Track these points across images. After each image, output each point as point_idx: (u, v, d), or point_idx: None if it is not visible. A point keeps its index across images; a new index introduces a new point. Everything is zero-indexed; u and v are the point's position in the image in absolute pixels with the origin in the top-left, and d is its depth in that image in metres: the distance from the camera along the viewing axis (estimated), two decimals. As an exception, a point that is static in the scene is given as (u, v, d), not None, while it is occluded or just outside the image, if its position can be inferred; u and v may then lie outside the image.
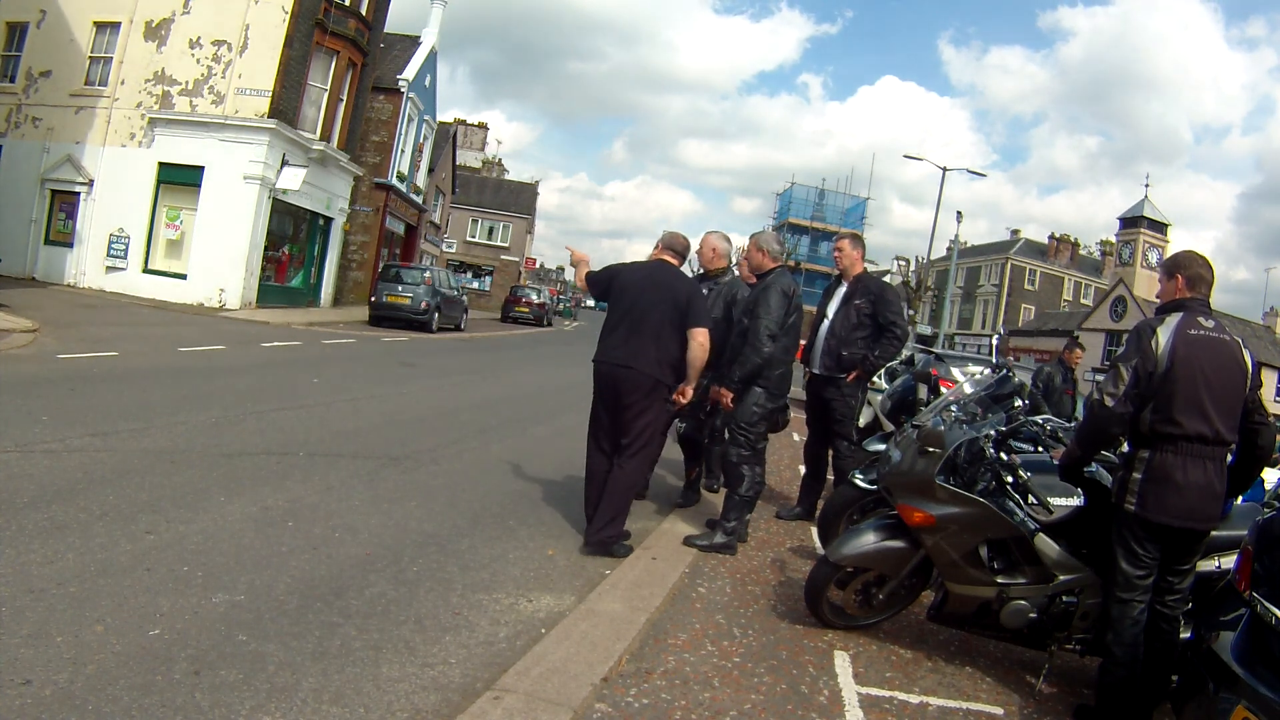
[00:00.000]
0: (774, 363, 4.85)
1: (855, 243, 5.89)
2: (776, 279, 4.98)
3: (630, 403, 4.50)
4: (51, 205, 18.90)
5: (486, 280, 48.44)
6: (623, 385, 4.49)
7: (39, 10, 19.20)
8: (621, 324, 4.58)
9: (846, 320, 5.66)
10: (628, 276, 4.74)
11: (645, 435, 4.57)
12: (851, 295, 5.70)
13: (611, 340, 4.58)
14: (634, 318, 4.55)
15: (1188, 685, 2.91)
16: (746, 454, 4.87)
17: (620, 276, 4.76)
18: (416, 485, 5.45)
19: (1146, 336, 3.11)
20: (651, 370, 4.48)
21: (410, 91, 26.36)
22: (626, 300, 4.63)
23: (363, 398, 8.78)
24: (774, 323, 4.78)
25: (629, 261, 5.04)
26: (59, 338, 10.15)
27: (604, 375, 4.59)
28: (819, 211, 57.86)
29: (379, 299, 19.76)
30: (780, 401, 5.08)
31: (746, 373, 4.82)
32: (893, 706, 3.24)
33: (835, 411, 5.73)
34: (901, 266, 55.30)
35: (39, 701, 2.38)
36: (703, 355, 4.53)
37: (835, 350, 5.66)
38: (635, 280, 4.69)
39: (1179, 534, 3.09)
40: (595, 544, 4.49)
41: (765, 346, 4.76)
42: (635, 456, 4.56)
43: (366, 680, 2.81)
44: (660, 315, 4.52)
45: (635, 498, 5.75)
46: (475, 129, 57.57)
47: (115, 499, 4.23)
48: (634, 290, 4.64)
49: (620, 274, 4.78)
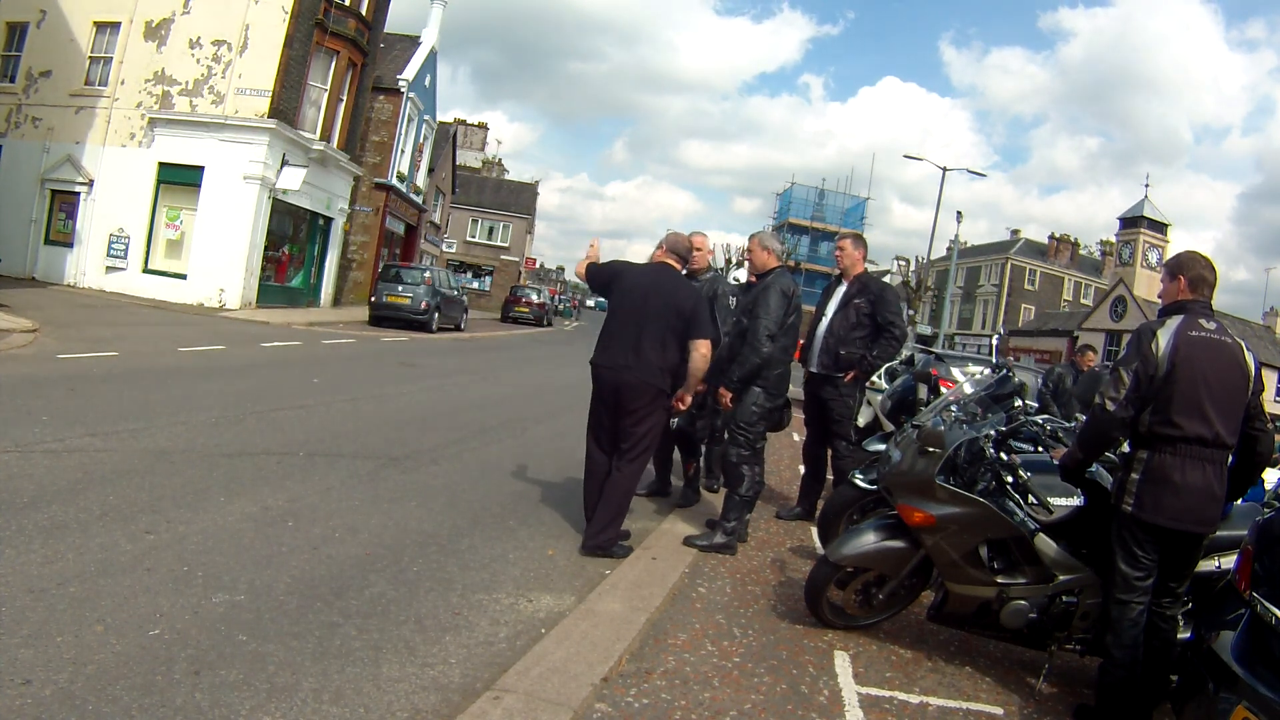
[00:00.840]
0: (773, 363, 4.85)
1: (857, 243, 5.89)
2: (776, 279, 4.99)
3: (633, 409, 4.49)
4: (51, 205, 18.90)
5: (486, 280, 48.44)
6: (625, 392, 4.47)
7: (39, 10, 19.20)
8: (624, 329, 4.53)
9: (845, 320, 5.66)
10: (631, 279, 4.68)
11: (646, 440, 4.57)
12: (851, 295, 5.69)
13: (614, 345, 4.54)
14: (638, 324, 4.50)
15: (1188, 685, 2.91)
16: (746, 454, 4.87)
17: (624, 278, 4.70)
18: (416, 485, 5.45)
19: (1147, 339, 3.11)
20: (655, 379, 4.47)
21: (410, 91, 26.37)
22: (629, 304, 4.58)
23: (363, 398, 8.78)
24: (773, 323, 4.79)
25: (631, 261, 5.01)
26: (59, 338, 10.15)
27: (606, 381, 4.55)
28: (819, 211, 57.87)
29: (379, 299, 19.76)
30: (779, 401, 5.08)
31: (745, 372, 4.82)
32: (893, 706, 3.24)
33: (833, 411, 5.73)
34: (901, 266, 55.35)
35: (39, 701, 2.38)
36: (704, 366, 4.51)
37: (833, 349, 5.65)
38: (640, 284, 4.63)
39: (1177, 536, 3.08)
40: (593, 547, 4.49)
41: (764, 346, 4.76)
42: (635, 461, 4.56)
43: (366, 680, 2.81)
44: (664, 323, 4.48)
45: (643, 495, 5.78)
46: (475, 129, 57.58)
47: (115, 499, 4.23)
48: (638, 294, 4.58)
49: (624, 275, 4.73)
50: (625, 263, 4.95)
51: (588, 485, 4.71)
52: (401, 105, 26.02)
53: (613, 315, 4.65)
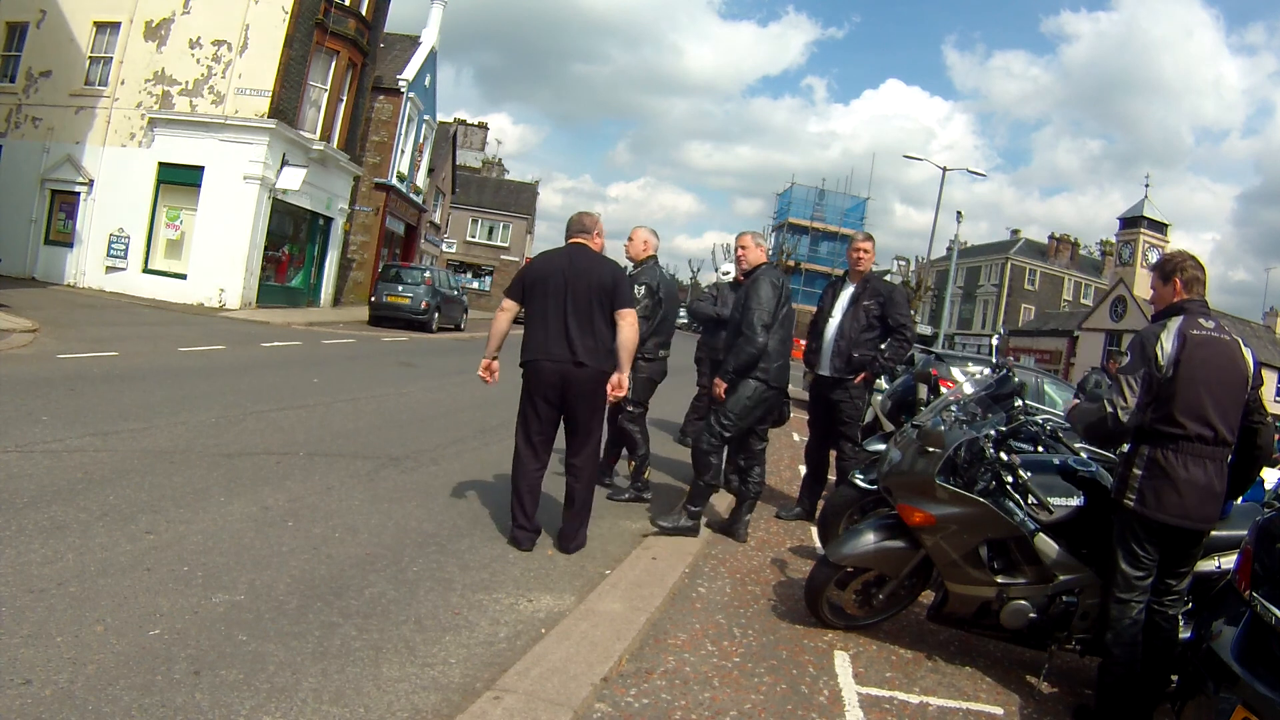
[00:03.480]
0: (770, 354, 4.85)
1: (872, 243, 5.94)
2: (765, 272, 5.02)
3: (582, 400, 4.33)
4: (51, 205, 18.91)
5: (486, 280, 48.43)
6: (573, 384, 4.29)
7: (39, 10, 19.21)
8: (554, 317, 4.29)
9: (855, 322, 5.65)
10: (543, 268, 4.44)
11: (596, 428, 4.45)
12: (860, 296, 5.69)
13: (547, 335, 4.30)
14: (566, 309, 4.28)
15: (1188, 685, 2.91)
16: (716, 444, 4.90)
17: (533, 270, 4.48)
18: (416, 485, 5.45)
19: (1151, 344, 3.12)
20: (599, 364, 4.30)
21: (410, 91, 26.39)
22: (552, 290, 4.32)
23: (363, 398, 8.77)
24: (766, 313, 4.80)
25: (538, 254, 4.77)
26: (59, 338, 10.15)
27: (549, 373, 4.29)
28: (819, 211, 57.84)
29: (379, 299, 19.78)
30: (775, 395, 5.07)
31: (740, 363, 4.83)
32: (893, 706, 3.24)
33: (843, 413, 5.73)
34: (902, 267, 55.33)
35: (39, 701, 2.38)
36: (634, 337, 4.34)
37: (845, 352, 5.63)
38: (555, 269, 4.38)
39: (1177, 533, 3.10)
40: (576, 548, 4.48)
41: (759, 336, 4.77)
42: (589, 453, 4.44)
43: (366, 680, 2.81)
44: (589, 302, 4.29)
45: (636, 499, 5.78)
46: (475, 129, 57.56)
47: (115, 499, 4.23)
48: (557, 279, 4.33)
49: (531, 269, 4.51)
50: (528, 262, 4.73)
51: (517, 484, 4.41)
52: (401, 105, 26.04)
53: (536, 307, 4.38)
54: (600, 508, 5.57)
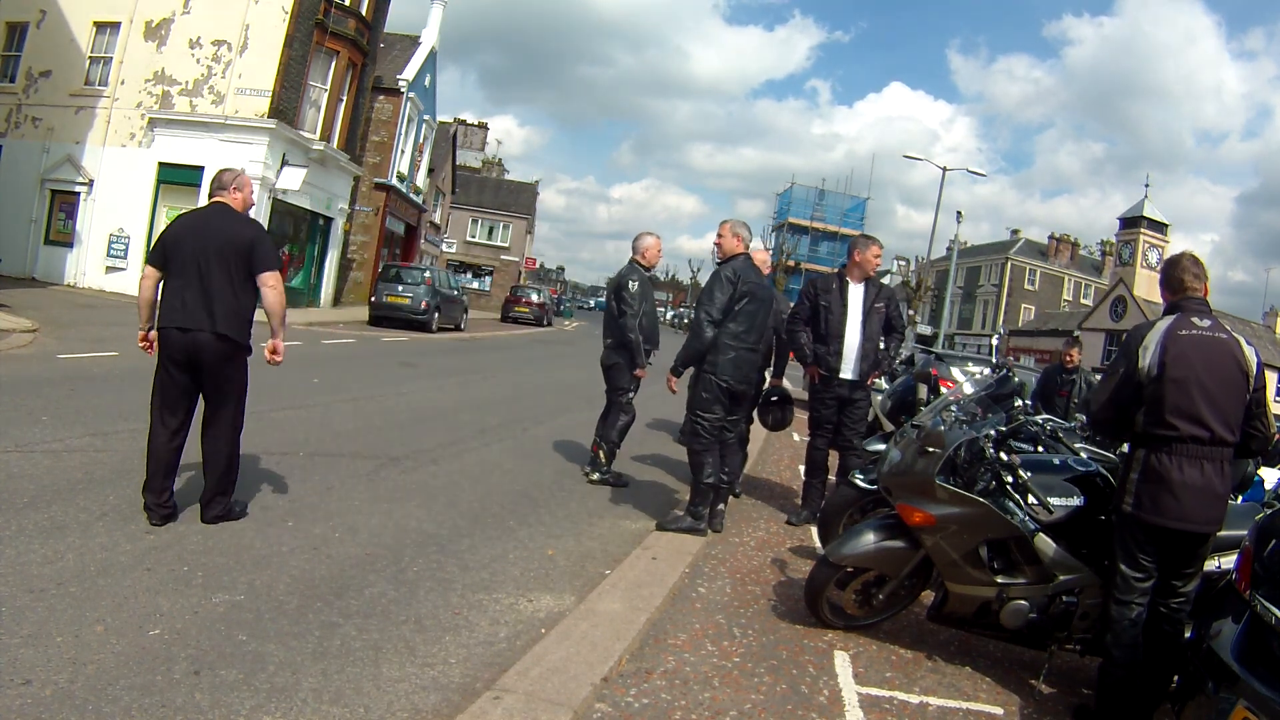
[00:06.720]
0: (720, 347, 4.90)
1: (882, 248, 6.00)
2: (724, 266, 5.04)
3: (216, 368, 4.05)
4: (51, 205, 18.90)
5: (486, 280, 48.42)
6: (205, 353, 3.97)
7: (39, 10, 19.20)
8: (190, 282, 3.95)
9: (875, 326, 5.72)
10: (178, 230, 4.08)
11: (235, 396, 4.18)
12: (874, 299, 5.74)
13: (182, 301, 3.96)
14: (201, 273, 3.95)
15: (1188, 685, 2.91)
16: (706, 442, 4.95)
17: (170, 233, 4.11)
18: (416, 485, 5.45)
19: (1135, 343, 3.15)
20: (235, 333, 4.02)
21: (410, 91, 26.38)
22: (187, 252, 3.97)
23: (363, 398, 8.77)
24: (715, 310, 4.87)
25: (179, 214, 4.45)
26: (59, 338, 10.15)
27: (178, 343, 3.95)
28: (819, 211, 57.87)
29: (379, 299, 19.76)
30: (740, 386, 5.04)
31: (684, 355, 4.97)
32: (893, 706, 3.24)
33: (859, 415, 5.80)
34: (902, 267, 55.35)
35: (39, 701, 2.38)
36: (279, 300, 4.11)
37: (872, 355, 5.70)
38: (191, 229, 4.04)
39: (1178, 536, 3.07)
40: (214, 518, 4.13)
41: (706, 332, 4.87)
42: (231, 422, 4.17)
43: (366, 680, 2.81)
44: (228, 265, 4.00)
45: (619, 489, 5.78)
46: (475, 129, 57.55)
47: (115, 499, 4.23)
48: (191, 240, 3.99)
49: (169, 231, 4.13)
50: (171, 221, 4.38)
51: (151, 464, 4.02)
52: (401, 105, 26.03)
53: (172, 271, 4.02)
54: (601, 507, 5.58)
